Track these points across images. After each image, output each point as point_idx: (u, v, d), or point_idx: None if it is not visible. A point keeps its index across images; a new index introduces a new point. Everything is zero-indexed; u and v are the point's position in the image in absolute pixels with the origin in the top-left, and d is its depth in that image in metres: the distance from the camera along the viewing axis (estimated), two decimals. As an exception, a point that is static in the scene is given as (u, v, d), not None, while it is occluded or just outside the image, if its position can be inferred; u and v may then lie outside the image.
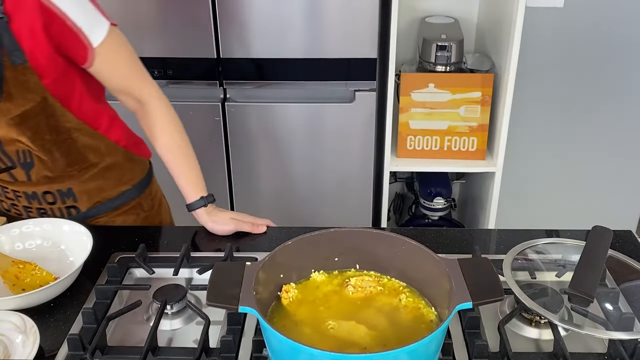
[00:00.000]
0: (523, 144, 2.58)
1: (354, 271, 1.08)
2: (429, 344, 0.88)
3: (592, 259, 1.08)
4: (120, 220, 1.45)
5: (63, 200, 1.37)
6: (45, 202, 1.37)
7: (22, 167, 1.31)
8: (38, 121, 1.25)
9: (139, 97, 1.34)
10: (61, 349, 1.05)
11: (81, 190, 1.38)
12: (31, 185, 1.34)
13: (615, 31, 2.44)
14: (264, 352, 1.02)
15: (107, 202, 1.42)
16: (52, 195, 1.36)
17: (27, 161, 1.30)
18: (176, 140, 1.37)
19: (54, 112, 1.26)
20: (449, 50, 2.14)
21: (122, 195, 1.44)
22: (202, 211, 1.36)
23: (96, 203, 1.41)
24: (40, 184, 1.34)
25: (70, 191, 1.37)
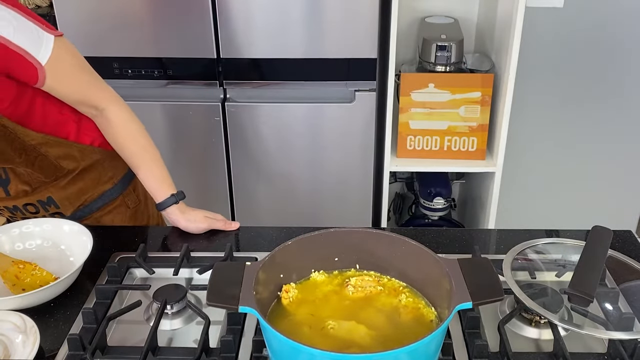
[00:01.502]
0: (523, 144, 2.58)
1: (354, 271, 1.09)
2: (429, 344, 0.88)
3: (592, 259, 1.08)
4: (106, 220, 1.45)
5: (45, 209, 1.38)
6: (29, 213, 1.37)
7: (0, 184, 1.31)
8: (2, 148, 1.23)
9: (96, 104, 1.31)
10: (61, 349, 1.05)
11: (61, 197, 1.37)
12: (11, 200, 1.34)
13: (615, 31, 2.44)
14: (264, 352, 1.02)
15: (90, 204, 1.42)
16: (34, 206, 1.36)
17: (2, 178, 1.31)
18: (141, 143, 1.36)
19: (17, 136, 1.24)
20: (449, 50, 2.14)
21: (104, 195, 1.43)
22: (173, 209, 1.35)
23: (79, 207, 1.41)
24: (19, 197, 1.34)
25: (50, 200, 1.36)
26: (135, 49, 2.08)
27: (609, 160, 2.66)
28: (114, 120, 1.33)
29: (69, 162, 1.35)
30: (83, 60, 1.29)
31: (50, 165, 1.32)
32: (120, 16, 2.04)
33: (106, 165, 1.41)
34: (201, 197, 2.18)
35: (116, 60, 2.08)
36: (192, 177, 2.24)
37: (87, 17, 2.06)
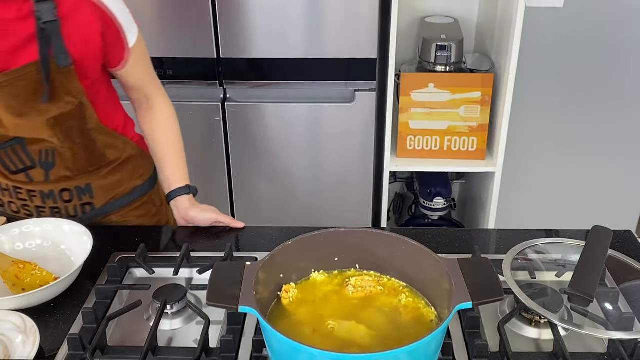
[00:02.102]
0: (523, 144, 2.58)
1: (354, 271, 1.09)
2: (429, 344, 0.88)
3: (592, 259, 1.08)
4: (133, 215, 1.46)
5: (80, 198, 1.37)
6: (61, 201, 1.36)
7: (42, 167, 1.31)
8: (72, 124, 1.27)
9: (148, 92, 1.39)
10: (61, 349, 1.05)
11: (98, 186, 1.38)
12: (49, 184, 1.34)
13: (615, 31, 2.44)
14: (264, 352, 1.02)
15: (121, 199, 1.43)
16: (70, 192, 1.36)
17: (49, 161, 1.31)
18: (174, 134, 1.43)
19: (85, 116, 1.28)
20: (449, 50, 2.14)
21: (135, 191, 1.45)
22: (184, 199, 1.38)
23: (110, 199, 1.42)
24: (58, 181, 1.34)
25: (88, 187, 1.37)
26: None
27: (609, 160, 2.66)
28: (158, 109, 1.41)
29: (112, 153, 1.38)
30: (147, 51, 1.37)
31: (97, 152, 1.35)
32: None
33: (139, 162, 1.45)
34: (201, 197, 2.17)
35: (116, 60, 2.08)
36: (192, 177, 2.22)
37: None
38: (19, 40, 1.15)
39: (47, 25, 1.14)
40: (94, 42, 1.22)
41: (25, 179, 1.33)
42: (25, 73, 1.16)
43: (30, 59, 1.16)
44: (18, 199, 1.37)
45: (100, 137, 1.34)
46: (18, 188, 1.35)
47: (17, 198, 1.37)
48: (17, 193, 1.36)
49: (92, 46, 1.22)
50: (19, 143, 1.27)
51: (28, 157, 1.29)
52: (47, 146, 1.28)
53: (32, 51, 1.16)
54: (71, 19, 1.17)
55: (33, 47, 1.16)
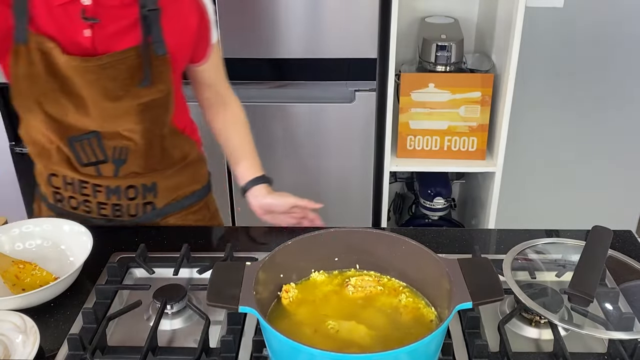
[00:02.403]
0: (523, 144, 2.58)
1: (354, 271, 1.09)
2: (429, 344, 0.88)
3: (592, 259, 1.08)
4: (190, 219, 1.47)
5: (144, 196, 1.38)
6: (125, 198, 1.37)
7: (113, 163, 1.32)
8: (157, 113, 1.30)
9: (222, 91, 1.45)
10: (61, 349, 1.05)
11: (163, 186, 1.39)
12: (117, 180, 1.34)
13: (615, 31, 2.44)
14: (264, 352, 1.02)
15: (181, 201, 1.44)
16: (135, 189, 1.36)
17: (121, 158, 1.31)
18: (247, 131, 1.48)
19: (168, 108, 1.31)
20: (449, 50, 2.14)
21: (194, 195, 1.47)
22: (261, 187, 1.41)
23: (171, 200, 1.42)
24: (126, 178, 1.35)
25: (153, 186, 1.38)
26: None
27: (609, 160, 2.66)
28: (231, 108, 1.46)
29: (178, 153, 1.41)
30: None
31: (166, 151, 1.37)
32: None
33: (199, 167, 1.48)
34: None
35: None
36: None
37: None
38: (121, 26, 1.20)
39: (149, 13, 1.19)
40: (189, 34, 1.27)
41: (95, 172, 1.32)
42: (126, 57, 1.20)
43: (131, 44, 1.20)
44: (81, 194, 1.36)
45: (170, 136, 1.36)
46: (84, 182, 1.34)
47: (80, 193, 1.36)
48: (82, 187, 1.35)
49: (186, 38, 1.27)
50: (96, 137, 1.28)
51: (102, 151, 1.30)
52: (122, 143, 1.29)
53: (133, 37, 1.20)
54: (170, 9, 1.22)
55: (134, 33, 1.20)
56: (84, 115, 1.24)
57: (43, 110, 1.24)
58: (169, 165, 1.39)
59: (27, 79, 1.20)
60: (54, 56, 1.18)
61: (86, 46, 1.19)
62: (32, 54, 1.18)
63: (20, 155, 2.55)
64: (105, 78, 1.20)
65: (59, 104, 1.23)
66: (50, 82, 1.20)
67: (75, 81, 1.20)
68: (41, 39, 1.17)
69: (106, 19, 1.19)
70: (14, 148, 2.52)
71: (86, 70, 1.19)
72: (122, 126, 1.27)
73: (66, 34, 1.18)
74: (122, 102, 1.23)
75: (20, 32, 1.16)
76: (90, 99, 1.22)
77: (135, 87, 1.22)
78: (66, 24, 1.18)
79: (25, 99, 1.23)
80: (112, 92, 1.22)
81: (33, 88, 1.21)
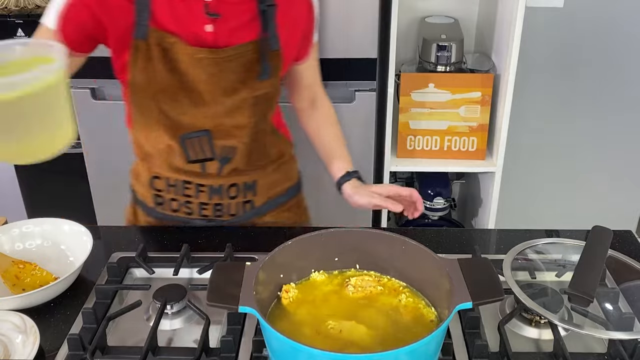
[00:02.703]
0: (523, 144, 2.58)
1: (354, 271, 1.09)
2: (429, 344, 0.88)
3: (592, 259, 1.08)
4: (285, 216, 1.48)
5: (244, 194, 1.39)
6: (227, 197, 1.37)
7: (219, 161, 1.33)
8: (267, 107, 1.33)
9: (317, 92, 1.47)
10: (61, 349, 1.05)
11: (263, 183, 1.40)
12: (220, 179, 1.35)
13: (615, 31, 2.44)
14: (264, 352, 1.02)
15: (276, 198, 1.45)
16: (237, 188, 1.37)
17: (227, 156, 1.33)
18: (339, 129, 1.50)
19: (273, 104, 1.35)
20: (449, 50, 2.14)
21: (288, 192, 1.48)
22: (347, 186, 1.41)
23: (268, 198, 1.43)
24: (230, 176, 1.35)
25: (253, 184, 1.39)
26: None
27: (609, 160, 2.66)
28: (324, 109, 1.48)
29: (275, 151, 1.43)
30: None
31: (266, 147, 1.39)
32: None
33: (291, 164, 1.51)
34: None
35: (116, 60, 2.08)
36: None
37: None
38: (241, 21, 1.23)
39: (267, 8, 1.23)
40: (298, 31, 1.31)
41: (200, 169, 1.33)
42: (247, 50, 1.23)
43: (248, 39, 1.23)
44: (183, 195, 1.37)
45: (270, 134, 1.39)
46: (187, 182, 1.35)
47: (182, 194, 1.37)
48: (185, 189, 1.36)
49: (296, 35, 1.31)
50: (207, 135, 1.29)
51: (211, 150, 1.31)
52: (230, 143, 1.31)
53: (250, 31, 1.23)
54: (284, 6, 1.25)
55: (252, 27, 1.24)
56: (200, 111, 1.26)
57: (159, 107, 1.25)
58: (268, 163, 1.41)
59: (145, 75, 1.21)
60: (175, 52, 1.20)
61: (208, 41, 1.21)
62: (151, 49, 1.19)
63: (20, 155, 2.54)
64: (227, 71, 1.23)
65: (175, 101, 1.25)
66: (168, 78, 1.22)
67: (195, 76, 1.22)
68: (162, 35, 1.19)
69: (227, 14, 1.21)
70: (14, 148, 2.52)
71: (211, 63, 1.21)
72: (234, 121, 1.29)
73: (188, 29, 1.20)
74: (238, 95, 1.26)
75: (141, 28, 1.18)
76: (208, 94, 1.24)
77: (252, 80, 1.26)
78: (188, 20, 1.20)
79: (143, 96, 1.25)
80: (231, 85, 1.25)
81: (151, 84, 1.22)
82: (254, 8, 1.23)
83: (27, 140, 0.93)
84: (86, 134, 2.23)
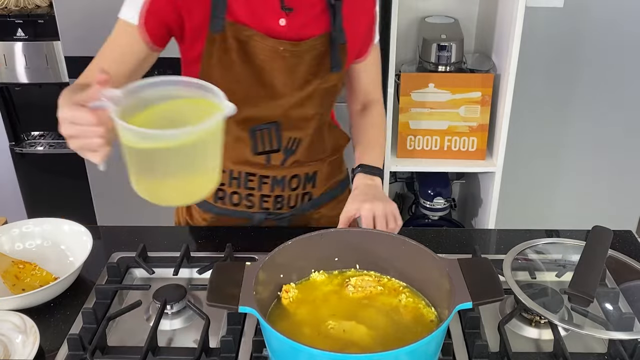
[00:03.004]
0: (523, 144, 2.58)
1: (354, 271, 1.09)
2: (429, 344, 0.88)
3: (592, 259, 1.08)
4: (339, 208, 1.40)
5: (304, 186, 1.39)
6: (288, 189, 1.37)
7: (284, 153, 1.33)
8: (331, 101, 1.35)
9: (372, 98, 1.44)
10: (61, 349, 1.04)
11: (322, 175, 1.41)
12: (283, 170, 1.35)
13: (616, 31, 2.44)
14: (264, 352, 1.02)
15: (331, 191, 1.45)
16: (298, 179, 1.37)
17: (292, 148, 1.33)
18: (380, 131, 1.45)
19: (335, 97, 1.35)
20: (449, 50, 2.14)
21: (340, 185, 1.48)
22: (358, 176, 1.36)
23: (325, 190, 1.43)
24: (291, 167, 1.36)
25: (314, 175, 1.39)
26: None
27: (609, 160, 2.66)
28: (372, 113, 1.43)
29: (334, 144, 1.43)
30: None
31: (325, 141, 1.40)
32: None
33: (342, 158, 1.50)
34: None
35: (116, 60, 2.08)
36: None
37: (86, 17, 2.06)
38: (312, 14, 1.24)
39: (335, 2, 1.23)
40: (362, 27, 1.31)
41: (264, 161, 1.33)
42: (316, 44, 1.24)
43: (317, 32, 1.24)
44: (246, 188, 1.37)
45: (329, 126, 1.40)
46: (251, 175, 1.35)
47: (245, 187, 1.37)
48: (248, 181, 1.36)
49: (360, 31, 1.31)
50: (275, 127, 1.29)
51: (278, 141, 1.31)
52: (297, 134, 1.32)
53: (319, 25, 1.24)
54: (350, 1, 1.25)
55: (320, 21, 1.24)
56: (272, 104, 1.27)
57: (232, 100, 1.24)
58: (326, 156, 1.41)
59: (221, 68, 1.22)
60: (252, 45, 1.21)
61: (281, 34, 1.22)
62: (227, 42, 1.20)
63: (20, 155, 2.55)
64: (303, 63, 1.24)
65: (250, 94, 1.25)
66: (244, 71, 1.23)
67: (272, 69, 1.23)
68: (238, 27, 1.19)
69: (299, 8, 1.22)
70: (14, 148, 2.52)
71: (292, 55, 1.22)
72: (302, 112, 1.30)
73: (263, 23, 1.21)
74: (309, 86, 1.27)
75: (217, 20, 1.18)
76: (283, 87, 1.25)
77: (325, 72, 1.27)
78: (264, 13, 1.21)
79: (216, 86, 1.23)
80: (304, 77, 1.26)
81: (227, 76, 1.22)
82: (322, 2, 1.24)
83: (188, 181, 0.95)
84: (86, 134, 2.23)
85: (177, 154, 0.90)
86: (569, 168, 2.68)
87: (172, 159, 0.91)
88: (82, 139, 0.93)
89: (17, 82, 2.36)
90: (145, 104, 0.94)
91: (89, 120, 0.91)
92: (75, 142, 0.94)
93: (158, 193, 0.95)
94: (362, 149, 1.40)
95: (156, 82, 0.96)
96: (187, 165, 0.93)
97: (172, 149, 0.89)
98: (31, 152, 2.51)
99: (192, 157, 0.93)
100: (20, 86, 2.39)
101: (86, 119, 0.91)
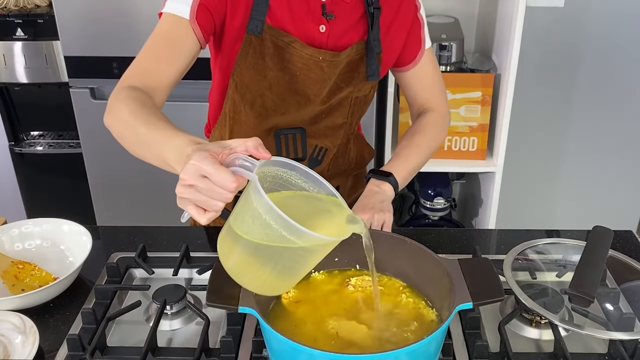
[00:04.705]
0: (523, 144, 2.58)
1: (354, 271, 1.08)
2: (429, 344, 0.87)
3: (592, 259, 1.08)
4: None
5: None
6: None
7: (309, 163, 1.31)
8: (361, 110, 1.32)
9: (430, 106, 1.36)
10: (61, 349, 1.04)
11: (345, 189, 1.40)
12: None
13: (616, 31, 2.44)
14: (264, 352, 1.01)
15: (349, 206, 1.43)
16: None
17: (318, 158, 1.31)
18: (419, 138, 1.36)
19: (366, 107, 1.33)
20: (450, 50, 2.14)
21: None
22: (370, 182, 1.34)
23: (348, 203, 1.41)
24: None
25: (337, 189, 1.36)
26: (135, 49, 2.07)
27: (609, 159, 2.66)
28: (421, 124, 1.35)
29: (358, 156, 1.41)
30: (439, 70, 1.40)
31: (348, 153, 1.38)
32: (119, 16, 2.04)
33: (365, 172, 1.45)
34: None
35: (116, 60, 2.07)
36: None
37: (86, 17, 2.05)
38: (350, 22, 1.22)
39: (374, 11, 1.21)
40: (400, 38, 1.28)
41: None
42: (355, 51, 1.22)
43: (354, 40, 1.22)
44: None
45: (355, 137, 1.38)
46: None
47: None
48: None
49: (396, 42, 1.28)
50: (301, 133, 1.28)
51: (303, 148, 1.29)
52: (323, 143, 1.30)
53: (356, 33, 1.22)
54: (388, 11, 1.24)
55: (358, 29, 1.22)
56: (302, 111, 1.24)
57: (262, 104, 1.22)
58: (351, 167, 1.39)
59: (255, 72, 1.19)
60: (290, 52, 1.18)
61: (320, 41, 1.20)
62: (265, 46, 1.17)
63: (19, 155, 2.55)
64: (339, 73, 1.22)
65: (281, 100, 1.22)
66: (278, 76, 1.20)
67: (305, 77, 1.20)
68: (277, 32, 1.17)
69: (339, 15, 1.20)
70: (14, 148, 2.52)
71: (329, 66, 1.20)
72: (331, 121, 1.28)
73: (303, 29, 1.18)
74: (341, 94, 1.25)
75: (255, 22, 1.15)
76: (315, 96, 1.23)
77: (359, 81, 1.24)
78: (305, 19, 1.18)
79: (247, 90, 1.22)
80: (337, 86, 1.23)
81: (259, 82, 1.20)
82: (360, 10, 1.21)
83: (279, 279, 0.92)
84: (86, 134, 2.23)
85: (292, 253, 0.85)
86: (569, 168, 2.68)
87: (284, 255, 0.85)
88: (207, 197, 0.81)
89: (16, 82, 2.36)
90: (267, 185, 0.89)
91: (227, 185, 0.80)
92: (194, 195, 0.82)
93: (244, 276, 0.90)
94: (395, 158, 1.35)
95: (284, 163, 0.90)
96: (290, 266, 0.89)
97: (292, 248, 0.83)
98: (31, 152, 2.51)
99: (302, 261, 0.89)
100: (19, 86, 2.39)
101: (225, 183, 0.80)
